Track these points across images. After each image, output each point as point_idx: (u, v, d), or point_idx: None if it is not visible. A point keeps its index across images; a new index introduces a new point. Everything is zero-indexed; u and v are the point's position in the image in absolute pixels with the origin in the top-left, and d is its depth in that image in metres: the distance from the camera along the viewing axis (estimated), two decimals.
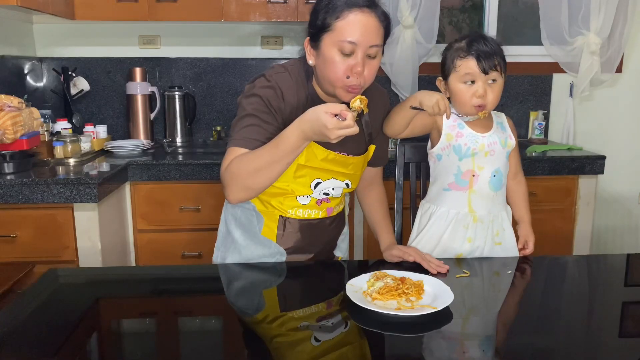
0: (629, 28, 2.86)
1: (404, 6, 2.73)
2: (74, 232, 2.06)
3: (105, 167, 2.23)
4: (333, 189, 1.51)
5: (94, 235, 2.07)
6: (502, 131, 1.64)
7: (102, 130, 2.66)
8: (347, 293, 1.24)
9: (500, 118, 1.67)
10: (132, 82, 2.77)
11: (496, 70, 1.52)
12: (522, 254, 1.67)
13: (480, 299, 1.36)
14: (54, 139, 2.34)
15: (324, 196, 1.51)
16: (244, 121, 1.40)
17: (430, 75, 2.90)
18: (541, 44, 2.96)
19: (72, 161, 2.30)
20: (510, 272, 1.51)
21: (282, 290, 1.42)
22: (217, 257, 1.63)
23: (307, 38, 1.40)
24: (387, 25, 1.38)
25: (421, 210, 1.72)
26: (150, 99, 2.82)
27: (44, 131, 2.34)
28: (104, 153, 2.56)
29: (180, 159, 2.44)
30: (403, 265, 1.49)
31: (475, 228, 1.61)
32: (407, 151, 1.84)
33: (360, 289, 1.28)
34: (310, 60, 1.41)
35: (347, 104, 1.40)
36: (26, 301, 1.29)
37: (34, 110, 2.20)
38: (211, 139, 2.94)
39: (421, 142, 1.74)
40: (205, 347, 1.11)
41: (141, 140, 2.75)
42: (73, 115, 2.71)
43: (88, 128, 2.60)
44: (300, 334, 1.13)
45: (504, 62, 1.55)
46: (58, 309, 1.27)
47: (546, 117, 3.05)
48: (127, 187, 2.39)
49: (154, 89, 2.82)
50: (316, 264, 1.56)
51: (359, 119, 1.33)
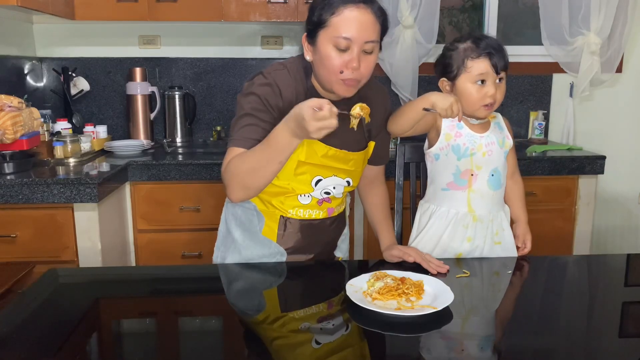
0: (629, 28, 2.86)
1: (404, 6, 2.73)
2: (74, 232, 2.06)
3: (105, 167, 2.23)
4: (334, 187, 1.50)
5: (94, 235, 2.07)
6: (499, 131, 1.64)
7: (102, 130, 2.66)
8: (347, 293, 1.24)
9: (497, 118, 1.68)
10: (132, 82, 2.77)
11: (505, 69, 1.53)
12: (520, 253, 1.67)
13: (480, 299, 1.36)
14: (54, 139, 2.34)
15: (325, 195, 1.51)
16: (242, 121, 1.40)
17: (430, 75, 2.88)
18: (541, 44, 2.96)
19: (72, 161, 2.30)
20: (510, 272, 1.51)
21: (283, 290, 1.42)
22: (217, 257, 1.62)
23: (305, 34, 1.41)
24: (383, 21, 1.37)
25: (421, 210, 1.72)
26: (150, 99, 2.81)
27: (44, 131, 2.35)
28: (104, 153, 2.56)
29: (180, 159, 2.44)
30: (403, 266, 1.49)
31: (474, 227, 1.62)
32: (407, 151, 1.84)
33: (361, 289, 1.28)
34: (308, 56, 1.41)
35: (346, 101, 1.40)
36: (26, 301, 1.29)
37: (34, 110, 2.20)
38: (211, 139, 2.94)
39: (421, 142, 1.74)
40: (205, 348, 1.11)
41: (141, 140, 2.75)
42: (73, 115, 2.72)
43: (88, 128, 2.60)
44: (300, 335, 1.13)
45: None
46: (58, 309, 1.27)
47: (546, 117, 3.05)
48: (127, 187, 2.39)
49: (154, 89, 2.82)
50: (316, 264, 1.56)
51: (361, 125, 1.33)
